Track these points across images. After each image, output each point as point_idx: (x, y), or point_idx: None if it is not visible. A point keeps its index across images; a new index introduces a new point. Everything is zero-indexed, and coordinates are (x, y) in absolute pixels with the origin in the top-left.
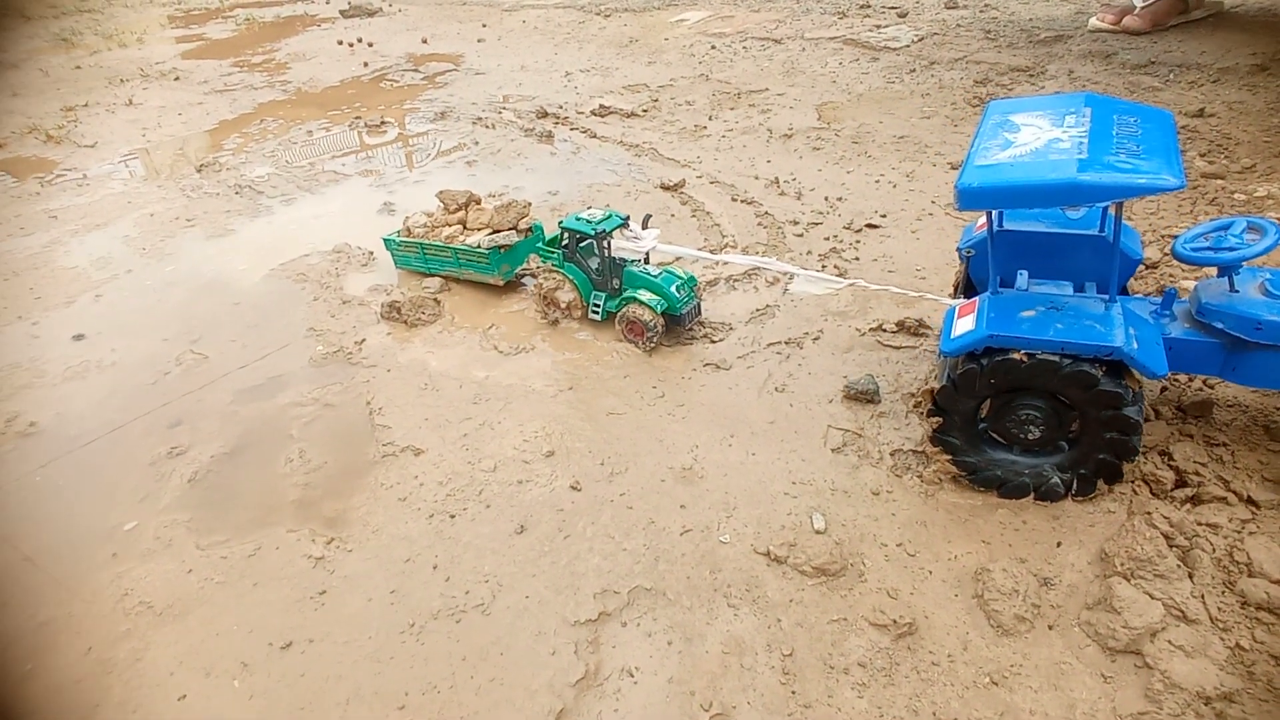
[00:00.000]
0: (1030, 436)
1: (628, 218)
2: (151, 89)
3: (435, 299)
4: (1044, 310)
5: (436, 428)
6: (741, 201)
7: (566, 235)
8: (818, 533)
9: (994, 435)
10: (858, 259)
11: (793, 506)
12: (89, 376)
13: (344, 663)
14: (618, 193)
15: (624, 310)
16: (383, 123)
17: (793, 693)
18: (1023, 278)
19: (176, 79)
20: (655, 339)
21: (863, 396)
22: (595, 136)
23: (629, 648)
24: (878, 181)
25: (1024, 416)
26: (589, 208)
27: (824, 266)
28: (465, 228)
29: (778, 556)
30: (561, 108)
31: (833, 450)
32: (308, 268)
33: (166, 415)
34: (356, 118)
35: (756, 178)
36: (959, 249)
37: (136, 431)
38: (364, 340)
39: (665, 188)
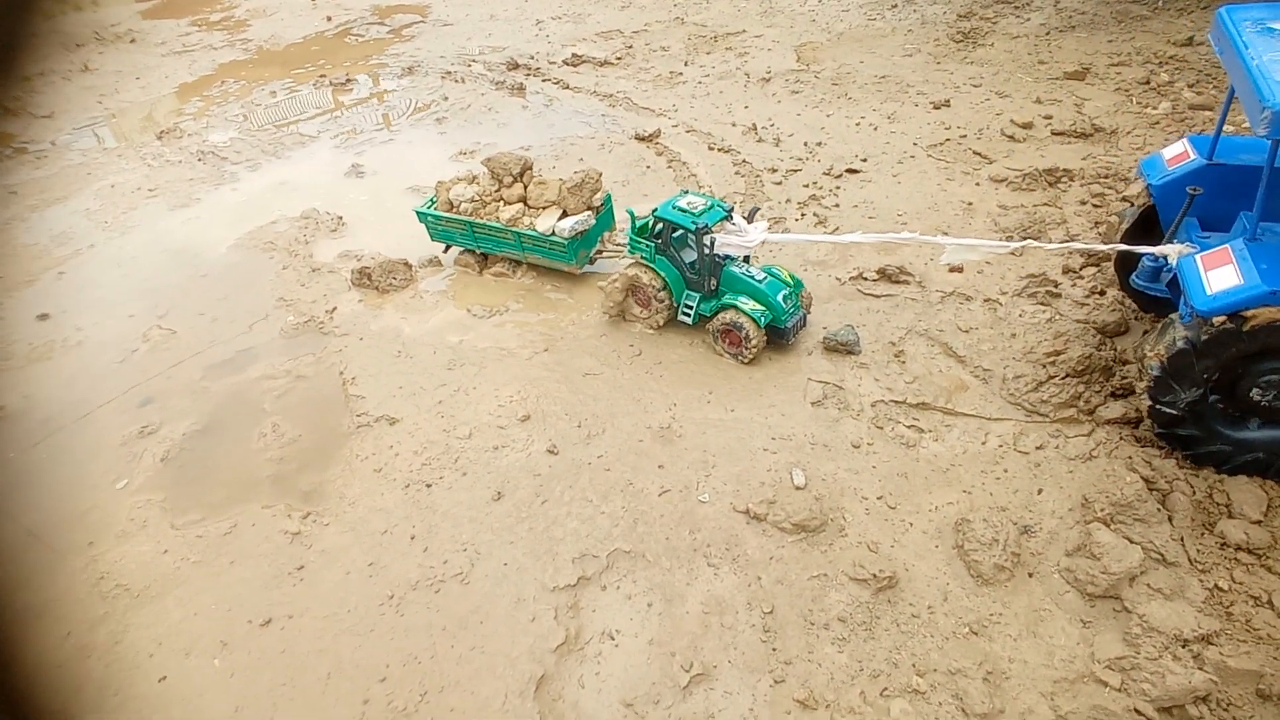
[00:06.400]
0: None
1: (732, 209)
2: (108, 53)
3: (406, 263)
4: None
5: (411, 395)
6: (719, 150)
7: (661, 225)
8: (797, 489)
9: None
10: (838, 206)
11: (772, 463)
12: (55, 357)
13: (324, 637)
14: (592, 145)
15: (721, 316)
16: (348, 80)
17: (773, 650)
18: (1246, 221)
19: (133, 41)
20: (754, 353)
21: (842, 348)
22: (568, 87)
23: (609, 611)
24: (858, 124)
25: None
26: (686, 192)
27: (803, 215)
28: (527, 206)
29: (757, 514)
30: (533, 58)
31: (812, 404)
32: (276, 235)
33: (136, 393)
34: (321, 76)
35: (734, 124)
36: (1152, 185)
37: (106, 412)
38: (335, 309)
39: (640, 139)
